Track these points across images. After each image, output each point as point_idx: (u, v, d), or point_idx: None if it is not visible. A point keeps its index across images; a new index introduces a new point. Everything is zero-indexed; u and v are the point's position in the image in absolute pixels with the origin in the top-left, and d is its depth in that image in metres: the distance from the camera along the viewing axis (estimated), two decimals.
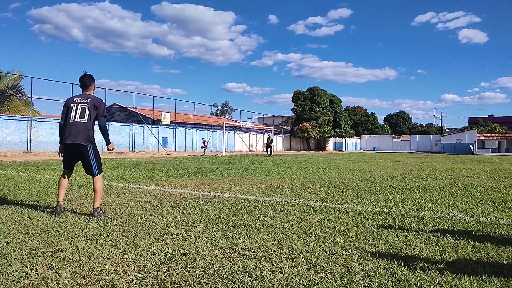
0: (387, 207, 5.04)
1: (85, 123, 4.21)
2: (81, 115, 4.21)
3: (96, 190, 4.24)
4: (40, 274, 2.41)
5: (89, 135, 4.22)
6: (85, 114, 4.22)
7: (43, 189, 6.19)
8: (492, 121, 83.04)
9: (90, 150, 4.26)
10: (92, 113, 4.26)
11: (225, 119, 48.70)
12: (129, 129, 29.63)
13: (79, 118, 4.20)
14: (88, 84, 4.41)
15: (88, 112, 4.23)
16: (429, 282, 2.36)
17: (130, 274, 2.44)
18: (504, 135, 66.17)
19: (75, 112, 4.22)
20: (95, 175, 4.30)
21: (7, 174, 8.92)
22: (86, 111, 4.23)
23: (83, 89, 4.43)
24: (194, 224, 3.83)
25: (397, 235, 3.51)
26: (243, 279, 2.37)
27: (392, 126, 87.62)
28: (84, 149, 4.22)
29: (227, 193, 6.21)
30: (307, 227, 3.79)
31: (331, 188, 7.06)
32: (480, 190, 7.09)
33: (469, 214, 4.65)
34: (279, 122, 66.50)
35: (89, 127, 4.23)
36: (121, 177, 8.66)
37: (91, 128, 4.27)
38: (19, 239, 3.18)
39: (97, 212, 4.13)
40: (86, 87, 4.41)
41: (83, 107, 4.23)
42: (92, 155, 4.27)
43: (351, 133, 59.29)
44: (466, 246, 3.16)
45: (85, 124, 4.21)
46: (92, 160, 4.27)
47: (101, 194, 4.27)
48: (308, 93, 53.31)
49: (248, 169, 12.19)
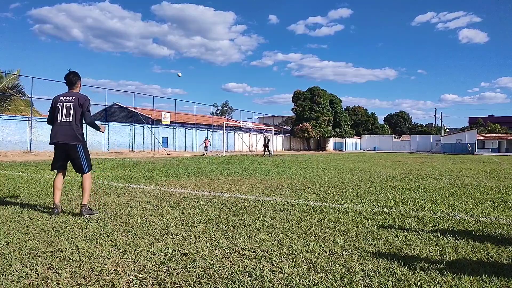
0: (387, 207, 5.04)
1: (70, 122, 4.26)
2: (66, 114, 4.26)
3: (84, 188, 4.29)
4: (40, 274, 2.41)
5: (76, 134, 4.27)
6: (71, 113, 4.27)
7: (43, 189, 6.19)
8: (492, 121, 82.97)
9: (79, 148, 4.31)
10: (78, 111, 4.30)
11: (225, 119, 48.71)
12: (129, 129, 29.63)
13: (65, 118, 4.26)
14: (73, 82, 4.45)
15: (74, 110, 4.27)
16: (429, 282, 2.36)
17: (130, 274, 2.44)
18: (504, 135, 66.16)
19: (61, 111, 4.27)
20: (84, 172, 4.34)
21: (7, 174, 8.92)
22: (71, 109, 4.27)
23: (69, 87, 4.47)
24: (194, 224, 3.83)
25: (397, 235, 3.51)
26: (243, 279, 2.37)
27: (392, 126, 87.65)
28: (73, 147, 4.27)
29: (227, 193, 6.21)
30: (307, 227, 3.79)
31: (331, 188, 7.05)
32: (480, 190, 7.09)
33: (469, 214, 4.65)
34: (279, 122, 66.49)
35: (75, 125, 4.27)
36: (121, 177, 8.66)
37: (78, 126, 4.31)
38: (19, 239, 3.19)
39: (85, 209, 4.18)
40: (72, 85, 4.45)
41: (68, 106, 4.28)
42: (81, 152, 4.32)
43: (351, 133, 59.30)
44: (466, 246, 3.16)
45: (71, 123, 4.25)
46: (82, 158, 4.32)
47: (89, 191, 4.33)
48: (308, 93, 53.32)
49: (248, 169, 12.19)
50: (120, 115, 34.85)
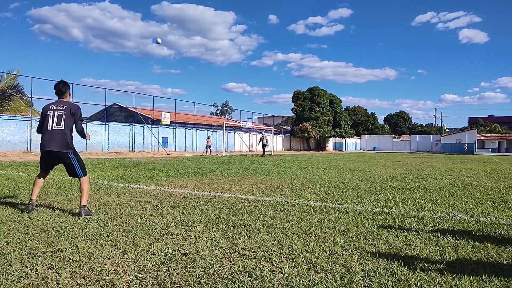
0: (387, 207, 5.05)
1: (62, 130, 4.29)
2: (57, 122, 4.29)
3: (83, 190, 4.34)
4: (40, 274, 2.41)
5: (67, 141, 4.31)
6: (62, 121, 4.29)
7: (43, 189, 6.18)
8: (492, 121, 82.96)
9: (70, 155, 4.35)
10: (68, 120, 4.33)
11: (225, 119, 48.71)
12: (129, 129, 29.62)
13: (56, 126, 4.28)
14: (63, 91, 4.49)
15: (64, 118, 4.30)
16: (429, 282, 2.36)
17: (130, 274, 2.44)
18: (504, 135, 66.16)
19: (51, 119, 4.30)
20: (80, 177, 4.40)
21: (7, 174, 8.92)
22: (63, 118, 4.30)
23: (58, 96, 4.50)
24: (194, 224, 3.83)
25: (397, 235, 3.51)
26: (243, 279, 2.37)
27: (392, 126, 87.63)
28: (64, 155, 4.32)
29: (227, 193, 6.22)
30: (307, 227, 3.79)
31: (331, 188, 7.05)
32: (480, 190, 7.09)
33: (469, 214, 4.65)
34: (279, 122, 66.49)
35: (66, 133, 4.30)
36: (121, 177, 8.66)
37: (69, 134, 4.34)
38: (19, 239, 3.19)
39: (83, 210, 4.23)
40: (62, 94, 4.49)
41: (60, 114, 4.31)
42: (74, 159, 4.37)
43: (351, 133, 59.29)
44: (466, 246, 3.16)
45: (62, 131, 4.28)
46: (75, 165, 4.38)
47: (87, 193, 4.39)
48: (308, 93, 53.30)
49: (248, 169, 12.19)
50: (120, 115, 34.84)
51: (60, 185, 6.76)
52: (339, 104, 57.09)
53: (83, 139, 4.67)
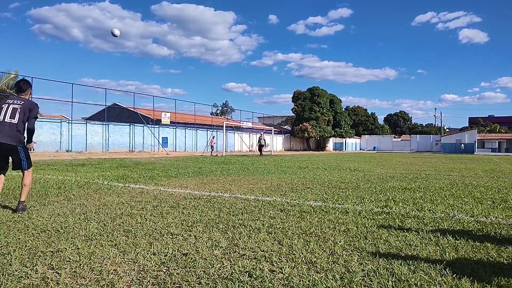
0: (387, 207, 5.04)
1: (15, 123, 4.26)
2: (11, 115, 4.26)
3: (25, 184, 4.37)
4: (40, 274, 2.41)
5: (18, 136, 4.29)
6: (16, 115, 4.27)
7: (43, 189, 6.19)
8: (492, 121, 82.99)
9: (20, 149, 4.35)
10: (23, 115, 4.31)
11: (225, 119, 48.72)
12: (129, 129, 29.63)
13: (9, 118, 4.25)
14: (24, 89, 4.50)
15: (19, 113, 4.28)
16: (429, 282, 2.36)
17: (130, 274, 2.44)
18: (504, 135, 66.17)
19: (5, 112, 4.27)
20: (25, 169, 4.41)
21: (7, 174, 8.90)
22: (17, 112, 4.28)
23: (18, 93, 4.50)
24: (194, 224, 3.83)
25: (397, 235, 3.51)
26: (243, 279, 2.37)
27: (392, 126, 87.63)
28: (14, 149, 4.31)
29: (227, 193, 6.22)
30: (307, 227, 3.79)
31: (331, 188, 7.05)
32: (480, 190, 7.09)
33: (469, 214, 4.65)
34: (279, 122, 66.49)
35: (18, 128, 4.27)
36: (121, 177, 8.66)
37: (21, 129, 4.31)
38: (19, 239, 3.19)
39: (21, 205, 4.24)
40: (22, 91, 4.50)
41: (15, 108, 4.29)
42: (22, 153, 4.38)
43: (351, 133, 59.30)
44: (466, 246, 3.16)
45: (14, 125, 4.25)
46: (23, 159, 4.39)
47: (29, 188, 4.43)
48: (308, 93, 53.31)
49: (248, 169, 12.19)
50: (120, 115, 34.86)
51: (60, 185, 6.76)
52: (339, 104, 57.10)
53: (28, 142, 4.51)
